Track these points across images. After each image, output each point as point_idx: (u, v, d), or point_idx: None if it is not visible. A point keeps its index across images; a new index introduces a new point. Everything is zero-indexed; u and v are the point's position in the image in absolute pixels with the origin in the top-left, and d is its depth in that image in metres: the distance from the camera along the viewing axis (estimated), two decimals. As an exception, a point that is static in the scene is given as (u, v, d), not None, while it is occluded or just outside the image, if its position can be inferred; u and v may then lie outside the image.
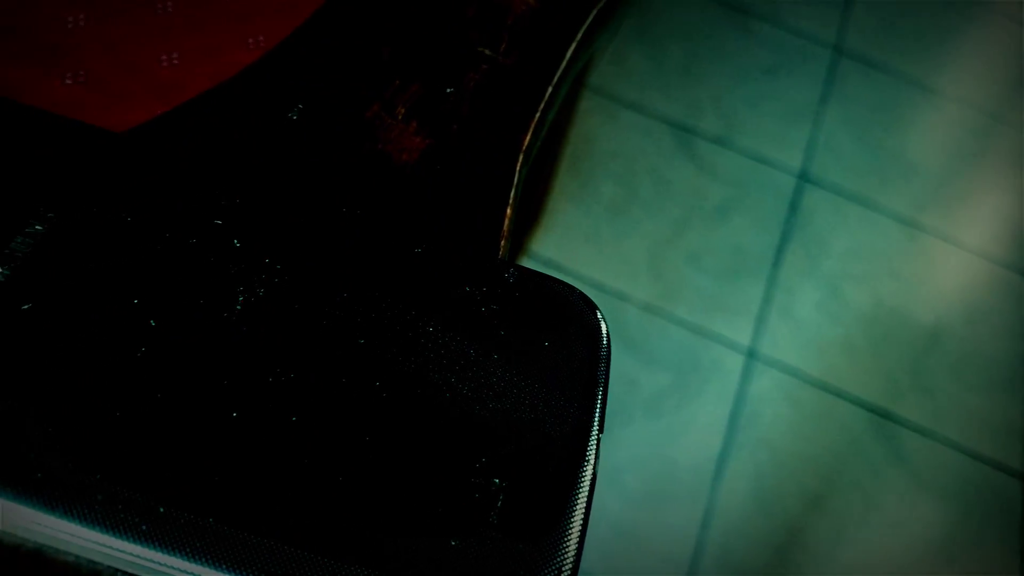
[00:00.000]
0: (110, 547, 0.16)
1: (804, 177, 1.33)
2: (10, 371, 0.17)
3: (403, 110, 0.27)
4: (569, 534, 0.17)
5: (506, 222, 0.25)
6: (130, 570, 0.16)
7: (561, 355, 0.20)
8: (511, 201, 0.25)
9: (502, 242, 0.25)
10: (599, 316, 0.21)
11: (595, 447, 0.19)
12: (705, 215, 1.24)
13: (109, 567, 0.17)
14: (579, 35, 0.32)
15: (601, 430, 0.19)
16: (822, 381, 1.13)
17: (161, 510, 0.16)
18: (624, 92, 1.35)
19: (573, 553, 0.17)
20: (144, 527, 0.16)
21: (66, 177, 0.20)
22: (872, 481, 1.06)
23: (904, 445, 1.08)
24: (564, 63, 0.30)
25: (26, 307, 0.18)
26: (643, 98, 1.35)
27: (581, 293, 0.22)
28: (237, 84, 0.26)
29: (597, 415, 0.19)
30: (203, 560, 0.16)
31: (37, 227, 0.19)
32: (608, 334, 0.21)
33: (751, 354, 1.14)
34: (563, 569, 0.17)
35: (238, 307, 0.19)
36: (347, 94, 0.27)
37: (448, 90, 0.28)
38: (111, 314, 0.18)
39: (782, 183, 1.32)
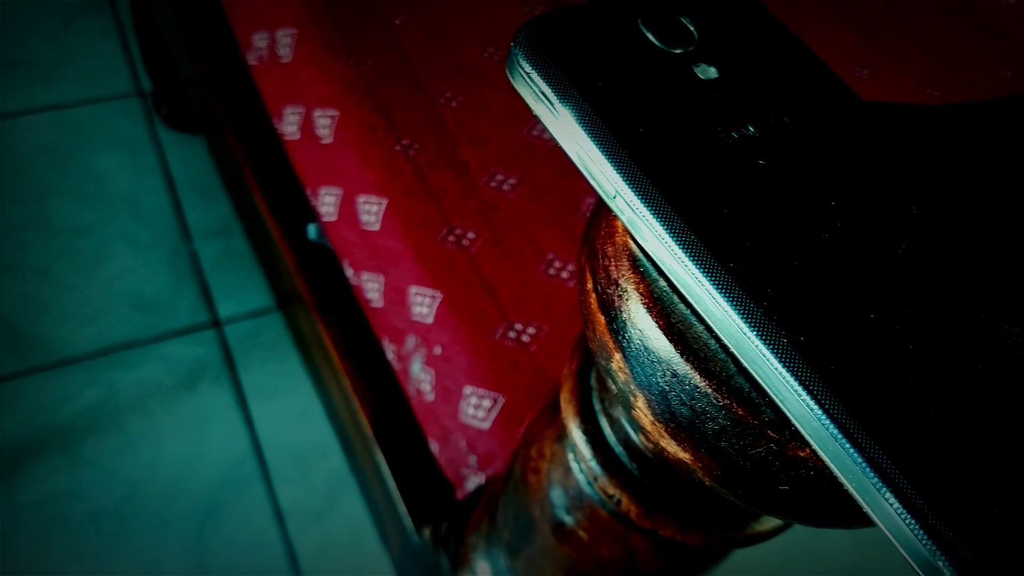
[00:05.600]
0: (751, 350, 0.20)
1: None
2: (741, 197, 0.22)
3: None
4: None
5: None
6: (751, 369, 0.20)
7: None
8: None
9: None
10: None
11: None
12: None
13: (728, 356, 0.21)
14: None
15: None
16: None
17: (801, 339, 0.20)
18: None
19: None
20: (784, 340, 0.20)
21: (799, 96, 0.26)
22: None
23: None
24: None
25: (761, 162, 0.23)
26: None
27: None
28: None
29: None
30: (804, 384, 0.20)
31: (784, 119, 0.25)
32: None
33: None
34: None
35: (900, 250, 0.23)
36: None
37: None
38: (811, 195, 0.23)
39: None
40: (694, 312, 0.22)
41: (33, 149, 1.19)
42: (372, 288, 0.55)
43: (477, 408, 0.49)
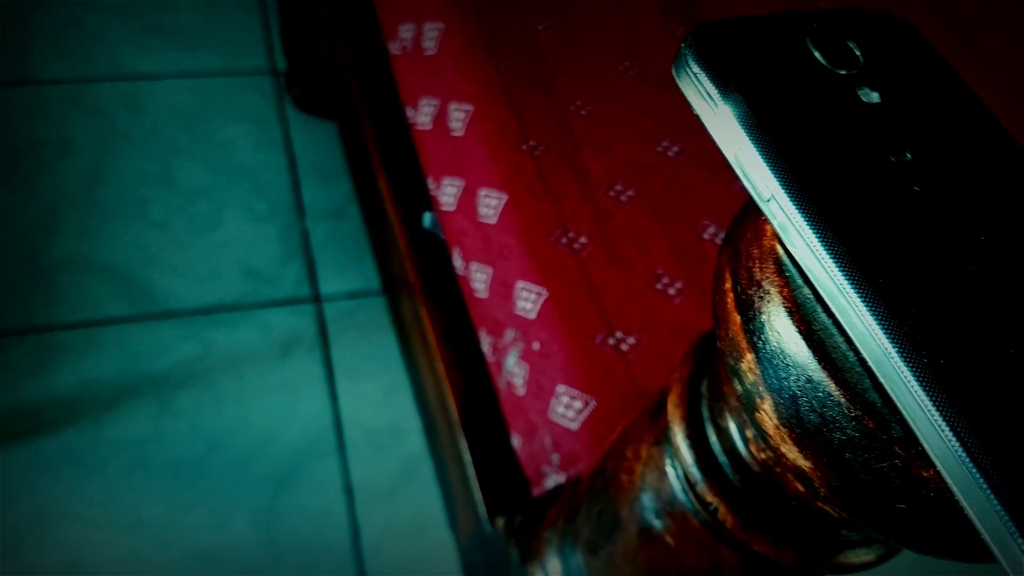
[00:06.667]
0: (890, 367, 0.20)
1: None
2: (893, 218, 0.23)
3: None
4: None
5: None
6: (888, 385, 0.21)
7: None
8: None
9: None
10: None
11: None
12: None
13: (864, 370, 0.21)
14: None
15: None
16: None
17: (941, 362, 0.20)
18: None
19: None
20: (925, 361, 0.20)
21: (957, 130, 0.26)
22: None
23: None
24: None
25: (916, 188, 0.23)
26: None
27: None
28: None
29: None
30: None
31: (942, 150, 0.25)
32: None
33: None
34: None
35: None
36: None
37: None
38: (962, 227, 0.23)
39: None
40: (835, 322, 0.22)
41: (167, 111, 1.25)
42: (479, 279, 0.57)
43: (568, 408, 0.49)
